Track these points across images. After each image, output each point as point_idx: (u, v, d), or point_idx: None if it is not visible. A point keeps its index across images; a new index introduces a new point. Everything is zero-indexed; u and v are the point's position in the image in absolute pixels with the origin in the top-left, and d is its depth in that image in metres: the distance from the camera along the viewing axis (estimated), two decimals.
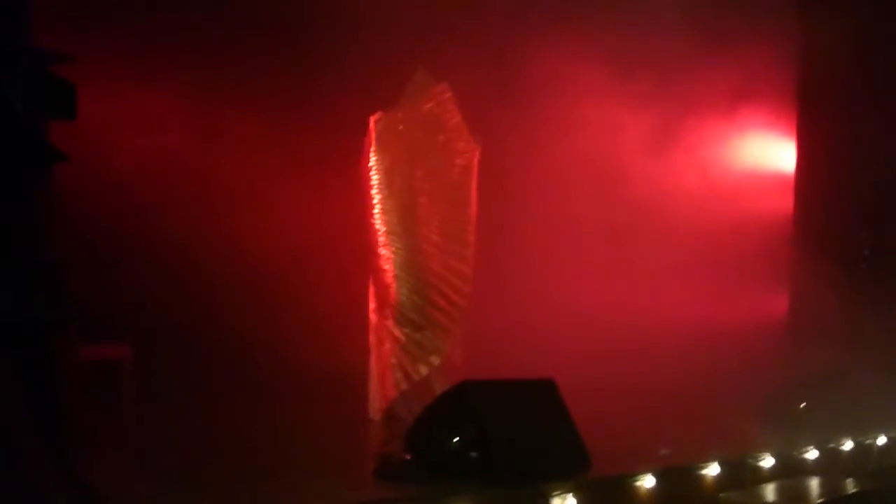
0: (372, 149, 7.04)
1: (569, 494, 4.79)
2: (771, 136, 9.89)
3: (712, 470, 5.60)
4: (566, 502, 4.78)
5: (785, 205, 9.66)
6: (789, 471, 6.09)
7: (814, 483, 5.99)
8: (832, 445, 6.63)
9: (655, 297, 8.83)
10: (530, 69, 8.66)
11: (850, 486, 5.89)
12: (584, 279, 8.78)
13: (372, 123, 7.04)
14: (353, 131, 7.15)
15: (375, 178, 7.04)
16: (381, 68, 7.91)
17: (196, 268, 7.48)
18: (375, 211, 7.06)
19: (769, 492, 5.68)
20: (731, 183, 9.66)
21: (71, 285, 4.19)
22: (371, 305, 7.22)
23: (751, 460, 5.98)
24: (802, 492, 5.82)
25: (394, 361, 6.97)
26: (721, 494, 5.53)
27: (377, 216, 7.06)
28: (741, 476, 5.80)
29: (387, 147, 7.04)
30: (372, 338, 7.18)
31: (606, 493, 5.08)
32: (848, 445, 6.73)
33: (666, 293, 8.89)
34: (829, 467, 6.34)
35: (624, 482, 5.18)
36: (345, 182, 7.40)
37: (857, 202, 9.11)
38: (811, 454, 6.38)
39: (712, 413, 7.55)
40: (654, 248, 9.11)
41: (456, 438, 5.03)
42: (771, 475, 5.97)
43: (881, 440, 6.96)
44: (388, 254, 7.03)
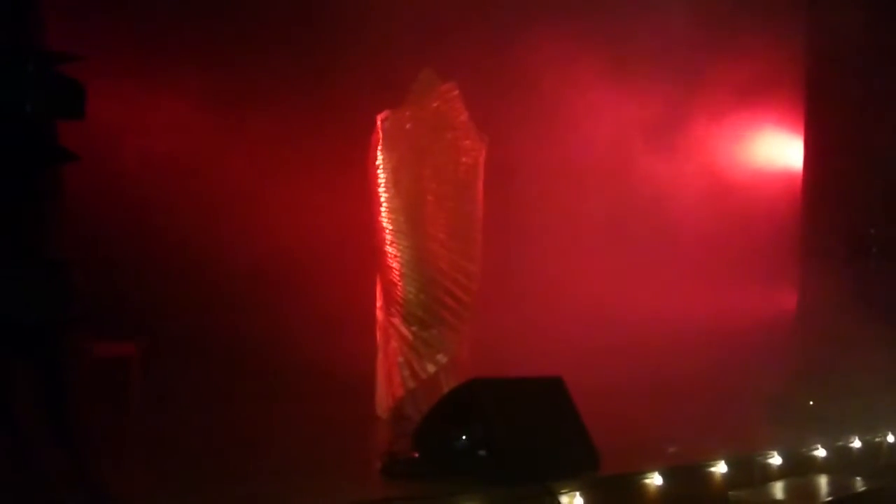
0: (379, 147, 7.04)
1: (577, 493, 4.78)
2: (779, 133, 9.87)
3: (721, 468, 5.59)
4: (574, 500, 4.76)
5: (793, 201, 9.64)
6: (798, 469, 6.09)
7: (823, 481, 5.98)
8: (841, 443, 6.62)
9: (663, 295, 8.81)
10: (538, 67, 8.65)
11: (859, 485, 5.89)
12: (592, 276, 8.76)
13: (379, 122, 7.04)
14: (361, 130, 7.15)
15: (382, 177, 7.04)
16: (389, 67, 7.91)
17: (204, 267, 7.50)
18: (382, 209, 7.06)
19: (778, 490, 5.68)
20: (740, 180, 9.65)
21: (80, 284, 4.19)
22: (378, 303, 7.22)
23: (759, 458, 5.97)
24: (811, 490, 5.82)
25: (401, 360, 6.97)
26: (730, 492, 5.52)
27: (384, 214, 7.06)
28: (750, 474, 5.79)
29: (394, 146, 7.04)
30: (379, 336, 7.19)
31: (615, 492, 5.06)
32: (857, 443, 6.72)
33: (674, 290, 8.87)
34: (838, 465, 6.33)
35: (632, 480, 5.17)
36: (351, 181, 7.40)
37: (866, 198, 9.09)
38: (820, 452, 6.37)
39: (721, 411, 7.54)
40: (663, 245, 9.10)
41: (464, 437, 5.02)
42: (780, 473, 5.96)
43: (890, 438, 6.95)
44: (395, 252, 7.03)
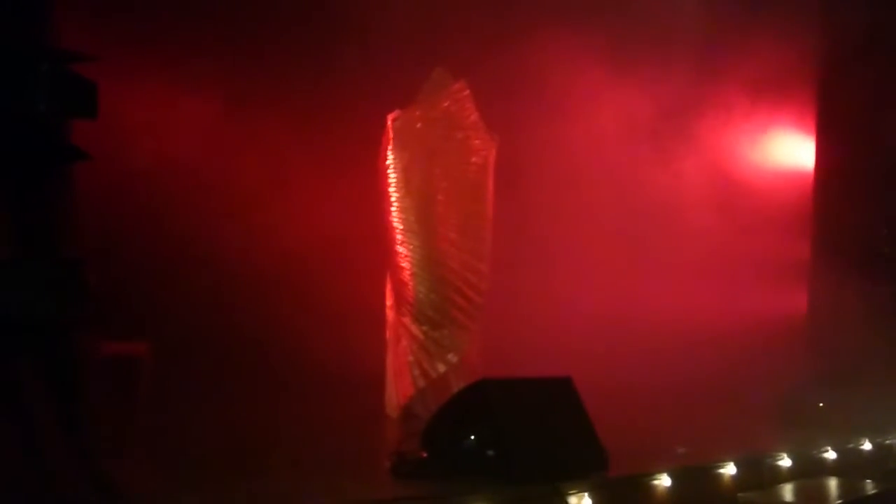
0: (390, 147, 7.05)
1: (585, 493, 4.77)
2: (791, 133, 9.85)
3: (730, 469, 5.58)
4: (583, 501, 4.76)
5: (804, 203, 9.62)
6: (807, 471, 6.07)
7: (832, 483, 5.97)
8: (851, 446, 6.61)
9: (673, 296, 8.79)
10: (548, 67, 8.64)
11: (869, 487, 5.87)
12: (602, 277, 8.76)
13: (390, 122, 7.05)
14: (372, 130, 7.16)
15: (393, 177, 7.05)
16: (399, 67, 7.92)
17: (214, 266, 7.51)
18: (393, 209, 7.07)
19: (787, 492, 5.67)
20: (750, 182, 9.63)
21: (90, 283, 4.21)
22: (388, 303, 7.24)
23: (769, 460, 5.96)
24: (821, 492, 5.81)
25: (411, 359, 6.98)
26: (739, 494, 5.52)
27: (395, 214, 7.07)
28: (759, 476, 5.78)
29: (404, 145, 7.05)
30: (389, 335, 7.20)
31: (623, 492, 5.06)
32: (867, 446, 6.71)
33: (684, 292, 8.85)
34: (848, 468, 6.32)
35: (641, 481, 5.16)
36: (362, 180, 7.41)
37: (876, 201, 9.06)
38: (829, 454, 6.36)
39: (730, 413, 7.54)
40: (673, 247, 9.08)
41: (473, 436, 5.02)
42: (789, 475, 5.95)
43: None
44: (406, 251, 7.03)
